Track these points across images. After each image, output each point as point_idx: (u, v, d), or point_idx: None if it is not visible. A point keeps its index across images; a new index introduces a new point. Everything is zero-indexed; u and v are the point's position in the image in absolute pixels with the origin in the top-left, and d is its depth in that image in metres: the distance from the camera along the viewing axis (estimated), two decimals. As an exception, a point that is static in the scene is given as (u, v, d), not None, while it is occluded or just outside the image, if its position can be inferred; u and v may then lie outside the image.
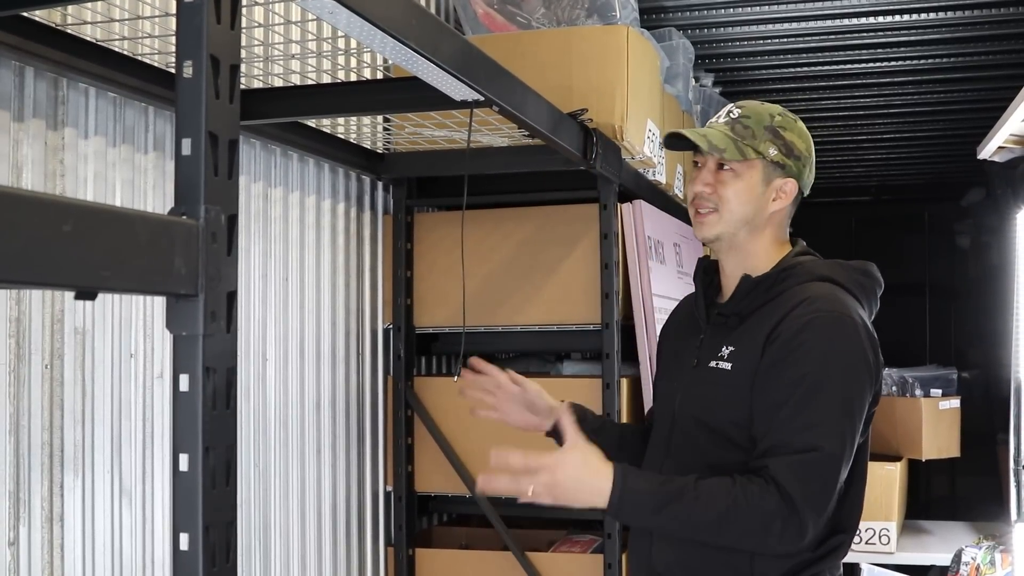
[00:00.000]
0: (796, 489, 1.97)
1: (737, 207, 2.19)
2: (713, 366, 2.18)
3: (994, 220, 7.13)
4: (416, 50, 1.88)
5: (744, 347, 2.15)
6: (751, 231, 2.22)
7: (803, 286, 2.16)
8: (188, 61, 1.27)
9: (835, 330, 2.09)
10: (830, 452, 2.03)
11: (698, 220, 2.23)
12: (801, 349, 2.06)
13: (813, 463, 2.01)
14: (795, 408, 2.04)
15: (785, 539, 2.00)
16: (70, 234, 1.05)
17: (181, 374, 1.25)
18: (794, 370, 2.06)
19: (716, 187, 2.20)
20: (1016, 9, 4.31)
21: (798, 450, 2.01)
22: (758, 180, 2.20)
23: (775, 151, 2.19)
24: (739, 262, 2.24)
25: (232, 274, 1.30)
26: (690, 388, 2.24)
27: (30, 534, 2.15)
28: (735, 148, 2.17)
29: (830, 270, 2.22)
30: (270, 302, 3.00)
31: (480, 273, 3.46)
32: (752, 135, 2.19)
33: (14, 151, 2.13)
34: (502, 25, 3.64)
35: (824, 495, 2.03)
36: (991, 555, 4.39)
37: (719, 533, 2.00)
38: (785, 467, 1.99)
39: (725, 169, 2.19)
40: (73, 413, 2.27)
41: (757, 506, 1.97)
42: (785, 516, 1.97)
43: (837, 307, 2.11)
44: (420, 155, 3.45)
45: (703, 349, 2.24)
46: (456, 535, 3.87)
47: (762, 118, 2.21)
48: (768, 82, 5.42)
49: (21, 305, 2.14)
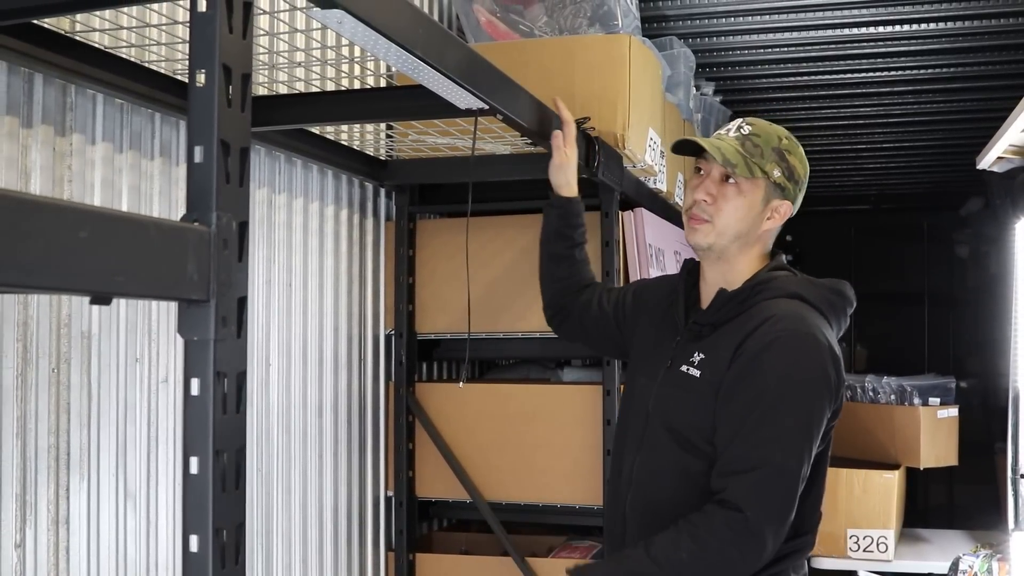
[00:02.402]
0: (754, 508, 2.06)
1: (734, 222, 2.25)
2: (683, 371, 2.26)
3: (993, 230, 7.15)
4: (422, 59, 1.90)
5: (713, 357, 2.22)
6: (741, 246, 2.28)
7: (772, 302, 2.22)
8: (201, 70, 1.28)
9: (798, 349, 2.15)
10: (787, 467, 2.10)
11: (692, 226, 2.28)
12: (764, 366, 2.13)
13: (770, 479, 2.09)
14: (755, 423, 2.11)
15: (749, 559, 2.08)
16: (86, 240, 1.07)
17: (192, 378, 1.27)
18: (756, 387, 2.13)
19: (717, 199, 2.24)
20: (1016, 20, 4.33)
21: (755, 466, 2.09)
22: (759, 199, 2.25)
23: (779, 173, 2.25)
24: (722, 273, 2.31)
25: (243, 280, 1.32)
26: (661, 389, 2.31)
27: (36, 536, 2.17)
28: (745, 165, 2.21)
29: (800, 287, 2.27)
30: (273, 307, 3.02)
31: (482, 280, 3.48)
32: (760, 154, 2.23)
33: (23, 156, 2.15)
34: (504, 33, 3.66)
35: (783, 509, 2.10)
36: (988, 563, 4.41)
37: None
38: (743, 488, 2.08)
39: (730, 183, 2.24)
40: (79, 416, 2.29)
41: (710, 539, 2.06)
42: (738, 539, 2.06)
43: (801, 326, 2.17)
44: (423, 162, 3.47)
45: (677, 352, 2.31)
46: (456, 540, 3.88)
47: (771, 139, 2.27)
48: (768, 91, 5.44)
49: (28, 309, 2.16)
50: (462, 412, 3.55)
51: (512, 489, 3.47)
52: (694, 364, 2.24)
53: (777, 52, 4.82)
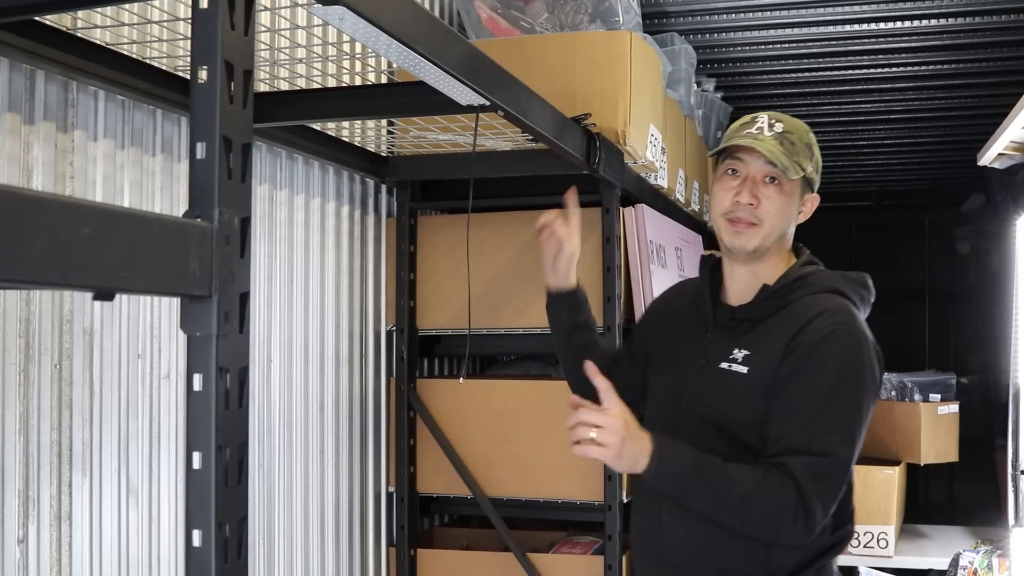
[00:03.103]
0: (811, 487, 2.06)
1: (779, 222, 2.24)
2: (725, 368, 2.24)
3: (994, 226, 7.16)
4: (424, 55, 1.90)
5: (761, 352, 2.21)
6: (778, 244, 2.29)
7: (816, 297, 2.23)
8: (203, 66, 1.28)
9: (851, 344, 2.17)
10: (841, 457, 2.13)
11: (735, 230, 2.25)
12: (820, 359, 2.14)
13: (827, 466, 2.10)
14: (812, 414, 2.12)
15: (795, 532, 2.08)
16: (89, 236, 1.08)
17: (195, 374, 1.27)
18: (812, 379, 2.14)
19: (762, 201, 2.23)
20: (1017, 16, 4.34)
21: (814, 453, 2.09)
22: (796, 196, 2.27)
23: (811, 168, 2.26)
24: (755, 270, 2.29)
25: (245, 276, 1.32)
26: (700, 388, 2.28)
27: (39, 532, 2.17)
28: (792, 165, 2.20)
29: (838, 282, 2.28)
30: (275, 304, 3.02)
31: (483, 276, 3.48)
32: (797, 152, 2.23)
33: (25, 153, 2.15)
34: (505, 29, 3.67)
35: (833, 496, 2.13)
36: (988, 559, 4.41)
37: (739, 513, 2.07)
38: (802, 466, 2.07)
39: (774, 184, 2.23)
40: (81, 412, 2.30)
41: (778, 496, 2.06)
42: (800, 510, 2.05)
43: (852, 322, 2.20)
44: (424, 158, 3.47)
45: (711, 350, 2.29)
46: (457, 536, 3.89)
47: (801, 134, 2.26)
48: (769, 87, 5.45)
49: (31, 305, 2.16)
50: (463, 408, 3.55)
51: (513, 485, 3.48)
52: (737, 361, 2.23)
53: (778, 48, 4.82)
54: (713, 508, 2.11)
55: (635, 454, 2.07)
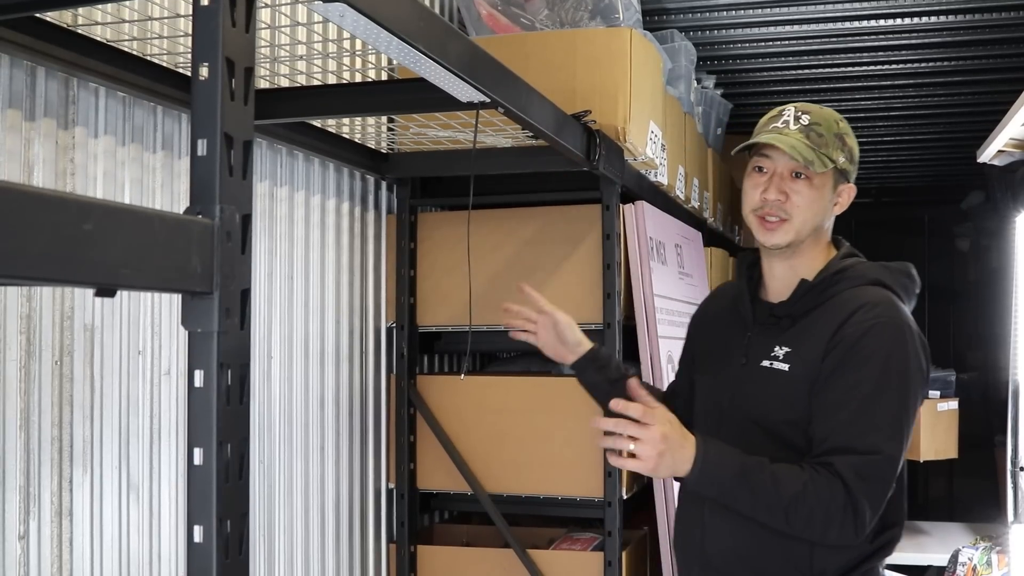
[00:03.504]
0: (860, 487, 2.02)
1: (810, 216, 2.20)
2: (766, 366, 2.20)
3: (994, 223, 7.17)
4: (424, 52, 1.91)
5: (802, 349, 2.17)
6: (815, 237, 2.25)
7: (857, 290, 2.19)
8: (204, 63, 1.29)
9: (895, 337, 2.12)
10: (889, 455, 2.08)
11: (766, 228, 2.22)
12: (863, 354, 2.10)
13: (874, 464, 2.06)
14: (857, 411, 2.08)
15: (844, 532, 2.05)
16: (91, 233, 1.08)
17: (196, 370, 1.27)
18: (856, 374, 2.10)
19: (790, 196, 2.19)
20: (1017, 14, 4.34)
21: (860, 452, 2.05)
22: (829, 188, 2.22)
23: (843, 159, 2.21)
24: (792, 265, 2.25)
25: (246, 272, 1.32)
26: (742, 386, 2.24)
27: (40, 528, 2.18)
28: (818, 158, 2.16)
29: (879, 274, 2.24)
30: (275, 300, 3.02)
31: (483, 272, 3.48)
32: (825, 143, 2.19)
33: (26, 150, 2.15)
34: (506, 26, 3.67)
35: (882, 495, 2.08)
36: (988, 556, 4.42)
37: (786, 516, 2.04)
38: (849, 466, 2.04)
39: (801, 178, 2.19)
40: (82, 409, 2.30)
41: (826, 497, 2.02)
42: (849, 510, 2.02)
43: (895, 314, 2.15)
44: (424, 155, 3.47)
45: (752, 347, 2.25)
46: (458, 532, 3.89)
47: (831, 125, 2.21)
48: (769, 84, 5.45)
49: (32, 302, 2.17)
50: (463, 405, 3.56)
51: (513, 481, 3.48)
52: (779, 358, 2.19)
53: (778, 45, 4.83)
54: (759, 511, 2.07)
55: (677, 462, 2.04)
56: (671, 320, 3.68)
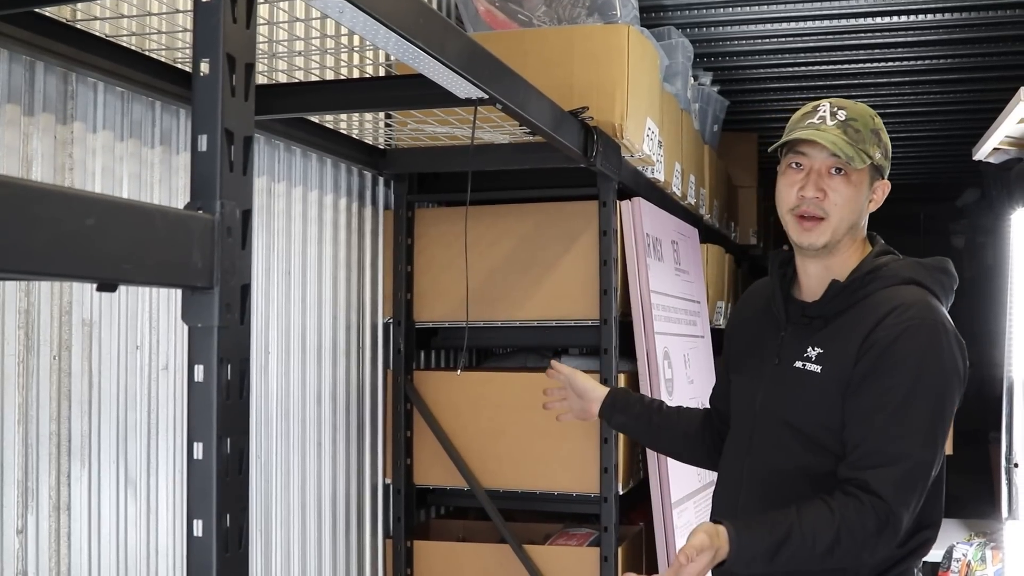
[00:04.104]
0: (895, 499, 2.01)
1: (848, 214, 2.15)
2: (799, 367, 2.17)
3: (989, 221, 7.18)
4: (423, 48, 1.91)
5: (834, 350, 2.14)
6: (850, 236, 2.20)
7: (891, 290, 2.15)
8: (205, 59, 1.29)
9: (929, 339, 2.08)
10: (923, 460, 2.05)
11: (804, 227, 2.16)
12: (897, 357, 2.06)
13: (909, 472, 2.04)
14: (890, 416, 2.05)
15: (885, 547, 2.05)
16: (93, 228, 1.08)
17: (196, 365, 1.28)
18: (889, 378, 2.06)
19: (828, 194, 2.14)
20: (1013, 12, 4.35)
21: (896, 459, 2.03)
22: (865, 185, 2.17)
23: (879, 154, 2.16)
24: (827, 264, 2.21)
25: (246, 268, 1.33)
26: (773, 387, 2.22)
27: (38, 522, 2.18)
28: (858, 154, 2.11)
29: (914, 272, 2.20)
30: (272, 296, 3.03)
31: (480, 268, 3.49)
32: (863, 139, 2.14)
33: (24, 145, 2.16)
34: (503, 23, 3.67)
35: (917, 501, 2.07)
36: (982, 552, 4.43)
37: (825, 562, 2.03)
38: (886, 480, 2.02)
39: (839, 175, 2.14)
40: (80, 404, 2.31)
41: (859, 531, 2.01)
42: (887, 529, 2.01)
43: (929, 315, 2.11)
44: (421, 151, 3.48)
45: (785, 348, 2.22)
46: (454, 528, 3.90)
47: (867, 121, 2.17)
48: (766, 81, 5.46)
49: (30, 297, 2.17)
50: (460, 400, 3.56)
51: (510, 477, 3.49)
52: (811, 359, 2.15)
53: (775, 42, 4.84)
54: (803, 565, 2.05)
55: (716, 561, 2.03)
56: (667, 316, 3.69)
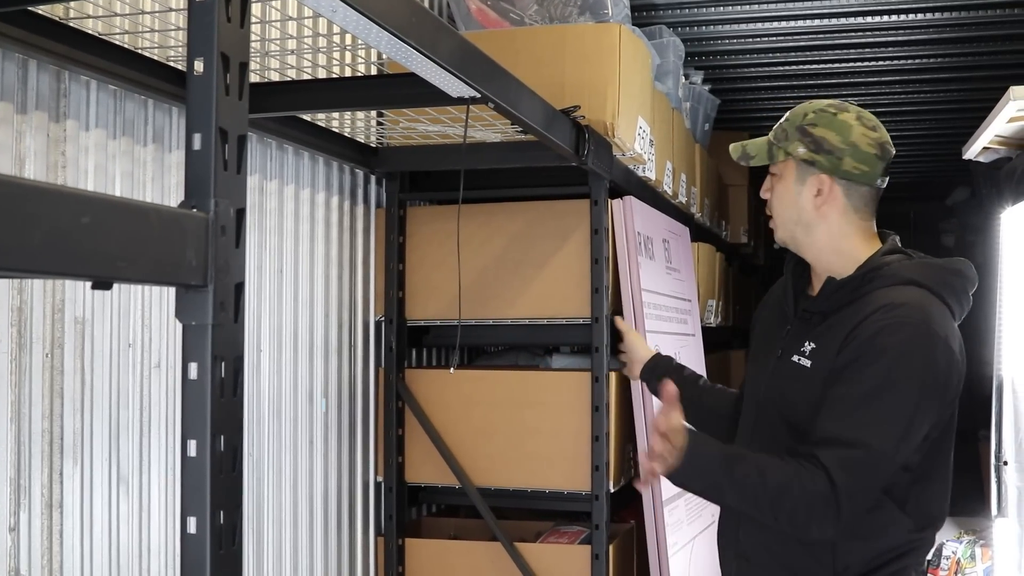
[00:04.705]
0: (842, 480, 2.01)
1: (781, 210, 2.26)
2: (795, 360, 2.21)
3: (979, 219, 7.20)
4: (415, 47, 1.92)
5: (823, 345, 2.17)
6: (805, 232, 2.25)
7: (889, 289, 2.15)
8: (199, 58, 1.30)
9: (912, 338, 2.08)
10: (879, 450, 2.04)
11: (771, 226, 2.33)
12: (876, 350, 2.07)
13: (860, 459, 2.04)
14: (854, 405, 2.07)
15: (823, 525, 2.04)
16: (88, 226, 1.09)
17: (190, 362, 1.29)
18: (862, 370, 2.08)
19: (770, 196, 2.28)
20: (1002, 11, 4.37)
21: (849, 443, 2.04)
22: (791, 181, 2.24)
23: (803, 149, 2.20)
24: (817, 261, 2.28)
25: (240, 266, 1.33)
26: (772, 378, 2.28)
27: (30, 520, 2.18)
28: (765, 153, 2.21)
29: (916, 272, 2.20)
30: (264, 294, 3.03)
31: (472, 267, 3.49)
32: (786, 136, 2.22)
33: (17, 143, 2.16)
34: (495, 21, 3.68)
35: (865, 492, 2.06)
36: (972, 549, 4.45)
37: (771, 506, 2.04)
38: (834, 459, 2.03)
39: (773, 175, 2.27)
40: (73, 401, 2.31)
41: (809, 487, 2.02)
42: (831, 505, 2.01)
43: (918, 315, 2.10)
44: (413, 149, 3.48)
45: (788, 341, 2.27)
46: (445, 526, 3.90)
47: (796, 117, 2.24)
48: (757, 80, 5.47)
49: (23, 294, 2.17)
50: (452, 398, 3.57)
51: (501, 475, 3.50)
52: (805, 354, 2.19)
53: (766, 41, 4.85)
54: (745, 502, 2.08)
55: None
56: (658, 315, 3.70)
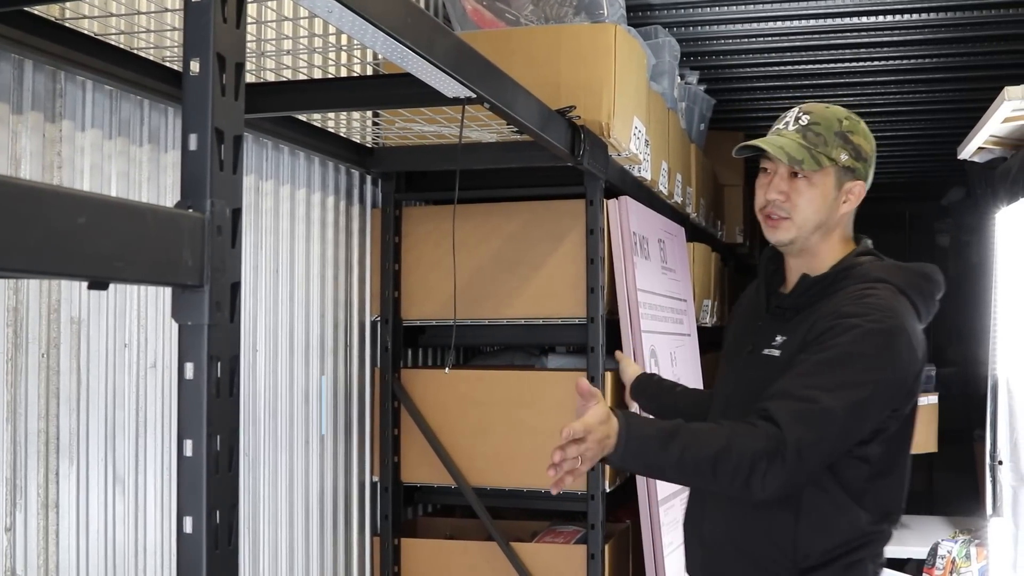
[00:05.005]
0: (788, 427, 2.02)
1: (812, 214, 2.25)
2: (766, 353, 2.26)
3: (974, 219, 7.21)
4: (411, 48, 1.92)
5: (794, 337, 2.22)
6: (823, 234, 2.29)
7: (861, 286, 2.21)
8: (195, 59, 1.30)
9: (877, 322, 2.12)
10: (826, 407, 2.05)
11: (770, 225, 2.30)
12: (839, 328, 2.12)
13: (810, 412, 2.05)
14: (812, 368, 2.10)
15: (767, 480, 2.02)
16: (85, 226, 1.09)
17: (186, 362, 1.29)
18: (826, 343, 2.12)
19: (790, 195, 2.25)
20: (997, 11, 4.37)
21: (800, 399, 2.06)
22: (831, 186, 2.26)
23: (846, 156, 2.25)
24: (805, 261, 2.31)
25: (236, 266, 1.33)
26: (744, 372, 2.32)
27: (26, 520, 2.19)
28: (811, 158, 2.21)
29: (886, 272, 2.26)
30: (260, 294, 3.03)
31: (468, 267, 3.50)
32: (824, 142, 2.24)
33: (13, 143, 2.16)
34: (490, 21, 3.68)
35: (814, 445, 2.05)
36: (967, 549, 4.46)
37: (713, 472, 2.03)
38: (784, 408, 2.05)
39: (799, 177, 2.25)
40: (69, 401, 2.31)
41: (747, 445, 2.02)
42: (771, 456, 2.01)
43: (888, 308, 2.16)
44: (409, 150, 3.48)
45: (759, 336, 2.32)
46: (441, 525, 3.91)
47: (831, 124, 2.26)
48: (752, 80, 5.47)
49: (19, 295, 2.17)
50: (447, 398, 3.57)
51: (497, 475, 3.50)
52: (775, 346, 2.25)
53: (761, 42, 4.85)
54: (687, 473, 2.09)
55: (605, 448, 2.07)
56: (654, 315, 3.70)
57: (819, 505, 2.14)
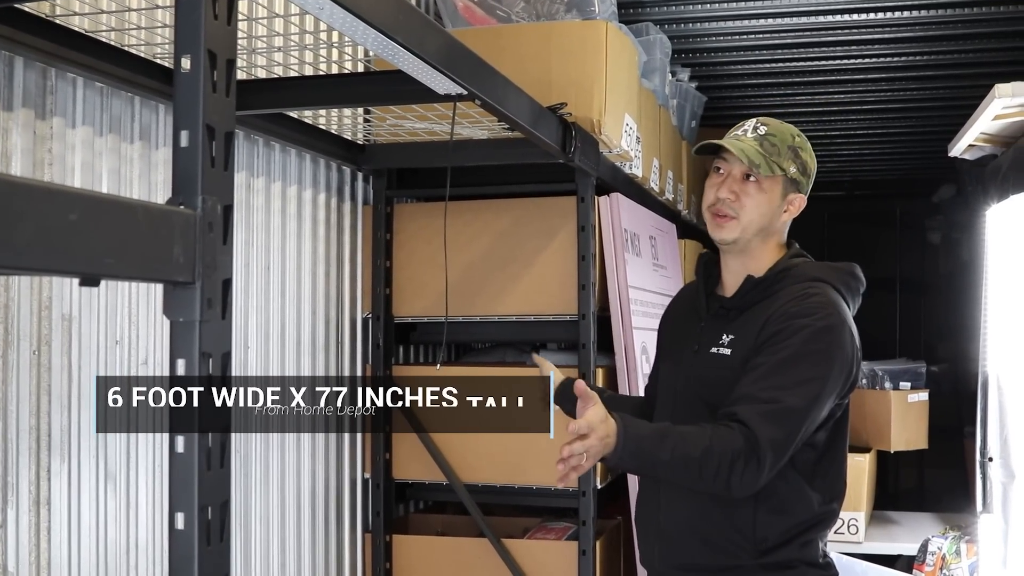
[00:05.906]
0: (761, 430, 2.15)
1: (757, 217, 2.36)
2: (714, 352, 2.37)
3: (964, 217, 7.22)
4: (402, 45, 1.92)
5: (743, 335, 2.33)
6: (763, 238, 2.40)
7: (800, 285, 2.34)
8: (186, 55, 1.30)
9: (826, 321, 2.26)
10: (789, 405, 2.19)
11: (716, 223, 2.39)
12: (790, 329, 2.25)
13: (776, 411, 2.18)
14: (770, 370, 2.23)
15: (745, 479, 2.15)
16: (76, 223, 1.09)
17: (178, 359, 1.29)
18: (779, 343, 2.25)
19: (740, 196, 2.36)
20: (988, 9, 4.38)
21: (764, 400, 2.19)
22: (778, 194, 2.38)
23: (795, 169, 2.37)
24: (744, 262, 2.41)
25: (227, 262, 1.34)
26: (692, 371, 2.41)
27: (17, 517, 2.18)
28: (767, 164, 2.33)
29: (821, 272, 2.39)
30: (252, 290, 3.03)
31: (459, 264, 3.49)
32: (778, 152, 2.36)
33: (3, 140, 2.16)
34: (482, 18, 3.68)
35: (784, 442, 2.19)
36: (957, 545, 4.47)
37: (699, 471, 2.14)
38: (752, 411, 2.17)
39: (751, 181, 2.36)
40: (60, 399, 2.31)
41: (728, 444, 2.14)
42: (748, 455, 2.14)
43: (830, 304, 2.30)
44: (400, 146, 3.48)
45: (703, 336, 2.41)
46: (433, 522, 3.91)
47: (786, 137, 2.39)
48: (743, 77, 5.48)
49: (10, 292, 2.17)
50: (439, 395, 3.56)
51: (488, 471, 3.50)
52: (724, 344, 2.36)
53: (752, 39, 4.85)
54: (677, 473, 2.18)
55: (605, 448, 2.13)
56: (645, 311, 3.71)
57: (777, 490, 2.26)
